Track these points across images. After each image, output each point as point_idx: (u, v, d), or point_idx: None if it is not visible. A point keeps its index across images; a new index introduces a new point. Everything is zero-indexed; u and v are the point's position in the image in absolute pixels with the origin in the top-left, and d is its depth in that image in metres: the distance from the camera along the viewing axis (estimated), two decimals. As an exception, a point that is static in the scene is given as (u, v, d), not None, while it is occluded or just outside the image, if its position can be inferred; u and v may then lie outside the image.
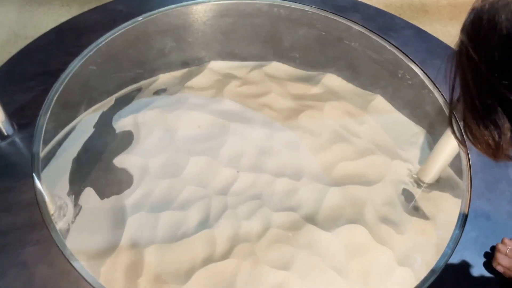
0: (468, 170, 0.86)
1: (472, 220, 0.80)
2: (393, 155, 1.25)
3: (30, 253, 0.72)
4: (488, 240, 0.77)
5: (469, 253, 0.76)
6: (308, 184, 1.20)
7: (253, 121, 1.31)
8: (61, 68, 0.97)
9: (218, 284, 1.02)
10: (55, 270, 0.71)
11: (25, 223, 0.76)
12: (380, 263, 1.07)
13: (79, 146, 1.21)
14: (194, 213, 1.13)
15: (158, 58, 1.35)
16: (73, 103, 1.08)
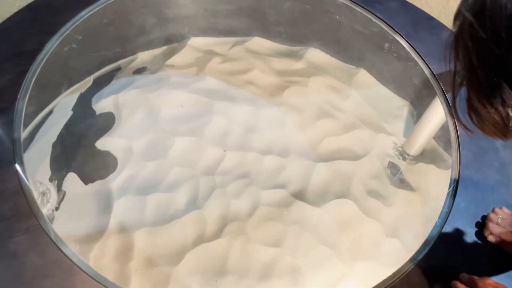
0: (456, 142, 0.87)
1: (462, 190, 0.81)
2: (378, 128, 1.26)
3: (19, 242, 0.70)
4: (479, 210, 0.79)
5: (460, 223, 0.78)
6: (296, 160, 1.19)
7: (237, 98, 1.29)
8: (37, 48, 0.92)
9: (210, 263, 1.02)
10: (46, 259, 0.69)
11: (12, 212, 0.73)
12: (369, 235, 1.08)
13: (58, 129, 1.16)
14: (182, 194, 1.12)
15: (137, 36, 1.30)
16: (52, 84, 1.03)
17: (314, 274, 1.02)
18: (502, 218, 0.75)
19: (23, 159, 0.80)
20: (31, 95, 0.86)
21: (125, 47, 1.30)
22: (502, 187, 0.82)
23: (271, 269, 1.02)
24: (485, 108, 0.43)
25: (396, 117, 1.28)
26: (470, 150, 0.87)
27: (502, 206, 0.78)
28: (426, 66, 1.01)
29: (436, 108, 0.99)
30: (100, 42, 1.21)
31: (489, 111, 0.42)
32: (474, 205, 0.80)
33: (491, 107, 0.42)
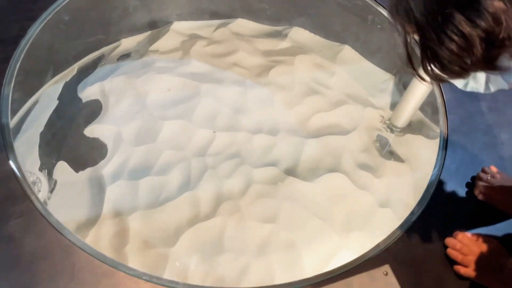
0: (443, 107, 0.89)
1: (451, 153, 0.83)
2: (365, 103, 1.27)
3: (15, 225, 0.69)
4: (468, 171, 0.81)
5: (452, 185, 0.80)
6: (285, 138, 1.20)
7: (224, 80, 1.29)
8: (19, 34, 0.90)
9: (207, 242, 1.03)
10: (44, 240, 0.69)
11: (5, 197, 0.72)
12: (362, 207, 1.10)
13: (45, 119, 1.15)
14: (175, 176, 1.12)
15: (119, 22, 1.29)
16: (37, 70, 1.02)
17: (309, 247, 1.04)
18: (491, 176, 0.77)
19: (13, 144, 0.79)
20: (17, 81, 0.85)
21: (108, 34, 1.28)
22: (490, 148, 0.84)
23: (267, 245, 1.03)
24: (442, 46, 0.44)
25: (382, 91, 1.29)
26: (456, 114, 0.89)
27: (490, 166, 0.80)
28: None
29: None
30: (82, 29, 1.20)
31: (447, 47, 0.43)
32: (463, 166, 0.82)
33: (449, 41, 0.43)
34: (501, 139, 0.85)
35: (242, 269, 0.98)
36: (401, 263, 0.71)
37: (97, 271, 0.67)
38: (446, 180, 0.80)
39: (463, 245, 0.70)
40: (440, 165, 0.82)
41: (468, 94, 0.94)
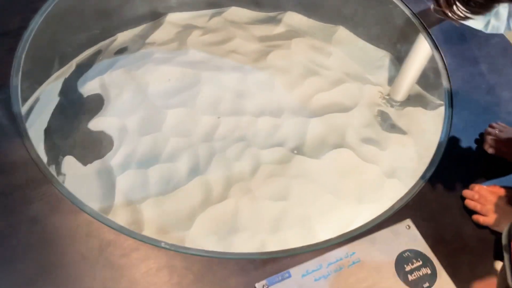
0: (445, 70, 0.91)
1: (457, 113, 0.85)
2: (363, 80, 1.30)
3: (38, 208, 0.69)
4: (475, 129, 0.83)
5: (461, 143, 0.82)
6: (289, 119, 1.22)
7: (223, 67, 1.30)
8: (22, 26, 0.90)
9: (221, 224, 1.03)
10: (69, 220, 0.69)
11: (25, 181, 0.72)
12: (369, 179, 1.12)
13: (47, 116, 1.15)
14: (183, 163, 1.12)
15: (113, 16, 1.29)
16: (42, 60, 1.02)
17: (323, 222, 1.05)
18: (499, 131, 0.79)
19: (27, 130, 0.79)
20: (24, 72, 0.85)
21: (103, 29, 1.28)
22: (494, 106, 0.87)
23: (281, 221, 1.04)
24: None
25: (379, 68, 1.32)
26: (458, 77, 0.91)
27: (497, 122, 0.83)
28: (405, 6, 1.05)
29: (420, 46, 1.04)
30: (77, 25, 1.20)
31: None
32: (470, 125, 0.84)
33: None
34: (503, 97, 0.88)
35: (259, 246, 0.99)
36: (420, 218, 0.73)
37: (124, 245, 0.68)
38: (455, 139, 0.82)
39: (480, 195, 0.72)
40: (448, 124, 0.84)
41: (467, 57, 0.97)
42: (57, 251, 0.66)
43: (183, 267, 0.67)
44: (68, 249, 0.67)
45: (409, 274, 0.67)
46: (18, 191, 0.70)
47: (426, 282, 0.66)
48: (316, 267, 0.67)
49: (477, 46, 0.96)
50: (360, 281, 0.66)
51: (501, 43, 0.98)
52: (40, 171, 0.73)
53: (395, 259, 0.68)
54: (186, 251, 0.69)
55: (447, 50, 0.96)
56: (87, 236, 0.68)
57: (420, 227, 0.71)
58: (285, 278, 0.65)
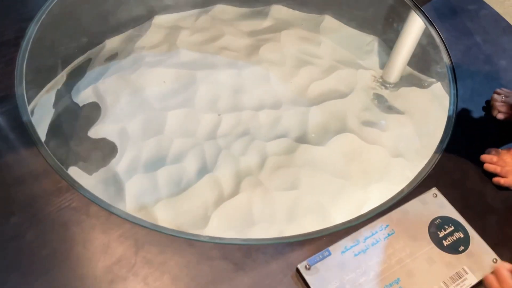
0: (442, 44, 0.94)
1: (460, 84, 0.88)
2: (356, 66, 1.32)
3: (66, 214, 0.67)
4: (481, 97, 0.86)
5: (470, 112, 0.85)
6: (289, 110, 1.23)
7: (216, 65, 1.30)
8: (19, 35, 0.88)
9: (237, 219, 1.03)
10: (100, 223, 0.68)
11: (48, 190, 0.70)
12: (376, 160, 1.14)
13: (45, 129, 1.11)
14: (191, 162, 1.11)
15: (99, 23, 1.28)
16: (42, 68, 0.99)
17: (337, 206, 1.06)
18: (505, 96, 0.82)
19: (41, 139, 0.77)
20: (27, 80, 0.83)
21: (90, 37, 1.26)
22: (494, 74, 0.90)
23: (295, 210, 1.05)
24: None
25: (369, 53, 1.34)
26: (456, 50, 0.94)
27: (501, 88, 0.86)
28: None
29: (413, 24, 1.06)
30: (64, 35, 1.18)
31: None
32: (476, 94, 0.87)
33: None
34: (501, 65, 0.92)
35: (277, 236, 0.99)
36: (444, 186, 0.75)
37: (159, 242, 0.67)
38: (463, 109, 0.85)
39: (498, 158, 0.74)
40: (454, 94, 0.86)
41: (461, 31, 1.00)
42: (93, 255, 0.65)
43: (221, 257, 0.66)
44: (104, 252, 0.65)
45: (443, 240, 0.69)
46: (43, 199, 0.68)
47: (461, 246, 0.68)
48: (354, 242, 0.67)
49: (469, 19, 1.00)
50: (398, 252, 0.67)
51: (490, 14, 1.02)
52: (62, 178, 0.71)
53: (428, 227, 0.70)
54: (221, 241, 0.68)
55: (441, 25, 0.99)
56: (121, 237, 0.67)
57: (446, 195, 0.73)
58: (326, 256, 0.66)
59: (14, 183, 0.71)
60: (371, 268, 0.65)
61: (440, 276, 0.66)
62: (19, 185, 0.71)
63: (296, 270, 0.65)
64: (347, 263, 0.65)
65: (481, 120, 0.84)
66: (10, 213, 0.67)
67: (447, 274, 0.66)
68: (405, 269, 0.66)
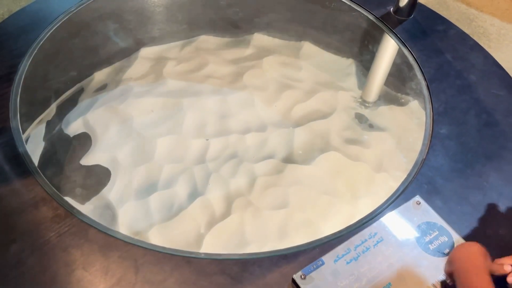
0: (416, 63, 1.01)
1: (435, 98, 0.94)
2: (336, 88, 1.38)
3: (67, 239, 0.69)
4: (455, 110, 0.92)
5: (445, 124, 0.90)
6: (274, 131, 1.27)
7: (202, 92, 1.34)
8: (10, 71, 0.91)
9: (230, 239, 1.05)
10: (100, 247, 0.69)
11: (47, 216, 0.72)
12: (360, 176, 1.18)
13: (35, 161, 1.13)
14: (182, 187, 1.14)
15: (87, 56, 1.32)
16: (35, 101, 1.02)
17: (326, 221, 1.10)
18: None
19: (37, 168, 0.79)
20: (21, 113, 0.86)
21: (80, 69, 1.30)
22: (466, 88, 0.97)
23: (287, 228, 1.08)
24: None
25: (348, 75, 1.41)
26: (428, 67, 1.01)
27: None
28: (368, 13, 1.15)
29: (387, 46, 1.13)
30: (56, 67, 1.21)
31: None
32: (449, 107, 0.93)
33: None
34: (471, 80, 0.98)
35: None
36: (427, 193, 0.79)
37: (158, 261, 0.69)
38: (439, 120, 0.91)
39: None
40: (430, 109, 0.92)
41: (432, 49, 1.07)
42: (94, 278, 0.67)
43: (219, 272, 0.68)
44: (105, 274, 0.67)
45: (429, 244, 0.73)
46: (42, 226, 0.70)
47: (446, 249, 0.72)
48: (345, 251, 0.71)
49: (439, 39, 1.07)
50: (388, 257, 0.70)
51: (458, 34, 1.09)
52: (60, 205, 0.73)
53: (414, 232, 0.74)
54: (218, 257, 0.71)
55: (413, 45, 1.06)
56: (120, 258, 0.69)
57: (429, 202, 0.77)
58: (319, 266, 0.69)
59: (13, 212, 0.73)
60: (363, 274, 0.68)
61: (429, 278, 0.69)
62: (19, 213, 0.72)
63: (292, 281, 0.68)
64: (340, 271, 0.68)
65: (456, 130, 0.90)
66: (10, 241, 0.69)
67: (435, 276, 0.69)
68: (395, 274, 0.69)
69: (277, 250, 0.73)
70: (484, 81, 0.99)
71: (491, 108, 0.93)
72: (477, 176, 0.83)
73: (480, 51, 1.05)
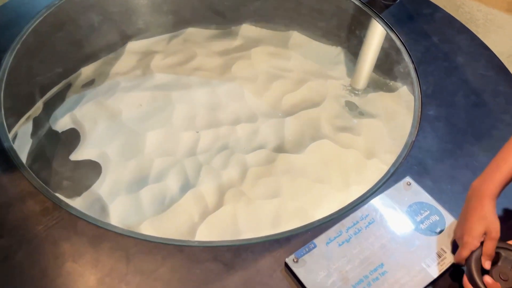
0: (403, 46, 1.01)
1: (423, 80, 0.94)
2: (325, 77, 1.38)
3: (56, 232, 0.68)
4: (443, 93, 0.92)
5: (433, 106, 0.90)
6: (265, 122, 1.26)
7: (191, 85, 1.33)
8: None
9: (223, 230, 1.05)
10: (89, 238, 0.69)
11: (35, 210, 0.71)
12: (352, 163, 1.18)
13: (24, 159, 1.12)
14: (173, 179, 1.13)
15: (74, 52, 1.30)
16: (21, 96, 1.01)
17: (319, 209, 1.09)
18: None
19: (23, 163, 0.78)
20: (6, 108, 0.84)
21: (67, 64, 1.29)
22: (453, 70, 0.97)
23: (280, 217, 1.07)
24: None
25: (337, 64, 1.41)
26: (416, 50, 1.01)
27: None
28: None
29: (375, 31, 1.13)
30: (41, 62, 1.20)
31: None
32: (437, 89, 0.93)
33: None
34: (459, 61, 0.98)
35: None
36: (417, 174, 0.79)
37: (149, 251, 0.68)
38: (428, 102, 0.91)
39: None
40: (418, 92, 0.92)
41: (419, 33, 1.07)
42: (84, 270, 0.66)
43: (211, 259, 0.68)
44: (95, 265, 0.66)
45: (420, 223, 0.72)
46: (30, 220, 0.69)
47: (438, 228, 0.72)
48: (337, 233, 0.70)
49: (425, 22, 1.07)
50: (380, 238, 0.70)
51: (444, 17, 1.09)
52: (48, 198, 0.72)
53: (405, 213, 0.74)
54: (210, 245, 0.70)
55: (400, 30, 1.06)
56: (111, 249, 0.68)
57: (419, 182, 0.77)
58: (312, 249, 0.68)
59: (0, 207, 0.72)
60: (355, 256, 0.68)
61: (421, 257, 0.69)
62: (6, 208, 0.71)
63: (284, 265, 0.67)
64: (333, 253, 0.68)
65: (445, 112, 0.90)
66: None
67: (427, 255, 0.69)
68: (387, 254, 0.69)
69: (269, 235, 0.72)
70: (471, 63, 0.99)
71: (479, 89, 0.93)
72: (466, 156, 0.83)
73: (467, 33, 1.05)
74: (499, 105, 0.92)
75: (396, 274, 0.67)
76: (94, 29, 1.34)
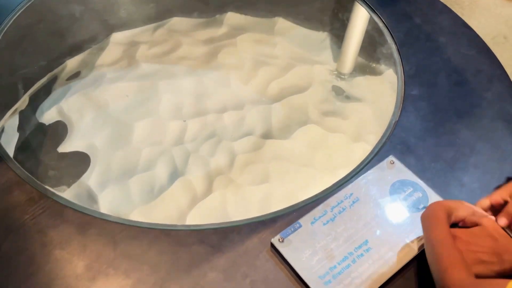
0: (386, 28, 1.01)
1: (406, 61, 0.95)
2: (311, 62, 1.38)
3: (43, 220, 0.69)
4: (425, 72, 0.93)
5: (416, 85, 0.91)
6: (252, 109, 1.27)
7: (177, 74, 1.33)
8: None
9: (213, 216, 1.05)
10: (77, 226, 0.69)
11: (21, 200, 0.71)
12: (339, 147, 1.19)
13: (11, 153, 1.11)
14: (161, 168, 1.14)
15: (58, 44, 1.29)
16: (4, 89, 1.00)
17: (308, 193, 1.09)
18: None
19: (8, 154, 0.78)
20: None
21: (51, 57, 1.28)
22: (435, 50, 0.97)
23: (269, 202, 1.08)
24: None
25: (323, 49, 1.41)
26: (399, 32, 1.02)
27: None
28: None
29: (358, 14, 1.13)
30: (24, 55, 1.19)
31: None
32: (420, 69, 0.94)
33: None
34: (441, 41, 0.99)
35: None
36: (400, 153, 0.80)
37: (136, 236, 0.69)
38: (410, 82, 0.92)
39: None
40: (401, 72, 0.93)
41: (401, 14, 1.08)
42: (72, 256, 0.66)
43: (198, 242, 0.69)
44: (83, 251, 0.67)
45: (404, 200, 0.74)
46: (16, 210, 0.69)
47: (421, 204, 0.73)
48: (322, 213, 0.71)
49: (407, 4, 1.08)
50: (364, 216, 0.71)
51: (426, -2, 1.10)
52: (33, 187, 0.73)
53: (389, 191, 0.75)
54: (197, 228, 0.71)
55: (382, 11, 1.06)
56: (98, 235, 0.68)
57: (402, 161, 0.78)
58: (297, 228, 0.69)
59: (-16, 199, 0.72)
60: (340, 234, 0.69)
61: (405, 233, 0.70)
62: (-10, 198, 0.71)
63: (270, 245, 0.68)
64: (318, 232, 0.69)
65: (427, 91, 0.91)
66: (-17, 228, 0.68)
67: (411, 231, 0.70)
68: (372, 231, 0.70)
69: (255, 217, 0.73)
70: (453, 42, 0.99)
71: (461, 68, 0.94)
72: (449, 134, 0.84)
73: (449, 13, 1.06)
74: (481, 83, 0.93)
75: (380, 250, 0.68)
76: (77, 20, 1.33)
